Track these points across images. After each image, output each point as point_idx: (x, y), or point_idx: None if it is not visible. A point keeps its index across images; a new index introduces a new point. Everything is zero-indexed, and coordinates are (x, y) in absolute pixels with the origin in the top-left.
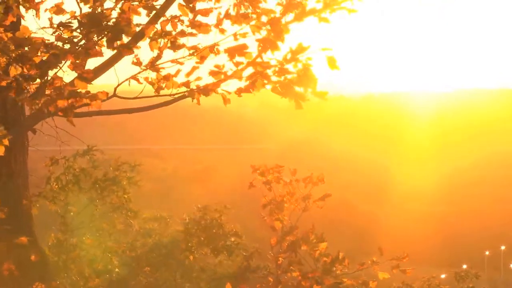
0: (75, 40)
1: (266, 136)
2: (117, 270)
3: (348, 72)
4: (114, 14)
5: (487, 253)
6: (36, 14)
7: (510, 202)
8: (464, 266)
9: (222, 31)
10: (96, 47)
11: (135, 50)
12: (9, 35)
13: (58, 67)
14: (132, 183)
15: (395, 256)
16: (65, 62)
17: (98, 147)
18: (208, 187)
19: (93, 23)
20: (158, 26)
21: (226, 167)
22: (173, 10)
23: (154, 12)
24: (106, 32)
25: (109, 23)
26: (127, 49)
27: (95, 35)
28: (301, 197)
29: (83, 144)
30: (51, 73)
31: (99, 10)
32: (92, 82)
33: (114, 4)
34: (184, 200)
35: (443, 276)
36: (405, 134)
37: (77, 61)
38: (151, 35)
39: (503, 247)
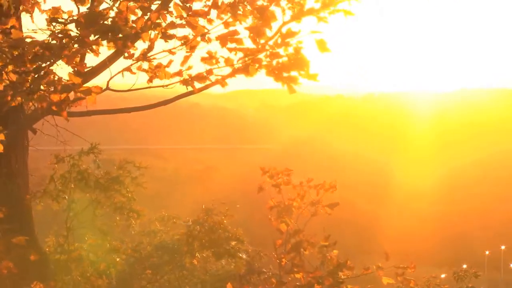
0: (69, 37)
1: (267, 136)
2: (120, 265)
3: (348, 72)
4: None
5: (487, 252)
6: (31, 17)
7: (510, 201)
8: (464, 266)
9: (210, 21)
10: (94, 46)
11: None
12: (3, 37)
13: (52, 61)
14: (136, 184)
15: (400, 264)
16: (60, 57)
17: (98, 147)
18: (209, 187)
19: (91, 22)
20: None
21: (227, 167)
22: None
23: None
24: (103, 32)
25: (106, 22)
26: (124, 44)
27: (92, 34)
28: (310, 202)
29: (84, 144)
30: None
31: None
32: (88, 82)
33: (112, 3)
34: (185, 200)
35: (443, 276)
36: (406, 133)
37: (72, 53)
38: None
39: (503, 247)
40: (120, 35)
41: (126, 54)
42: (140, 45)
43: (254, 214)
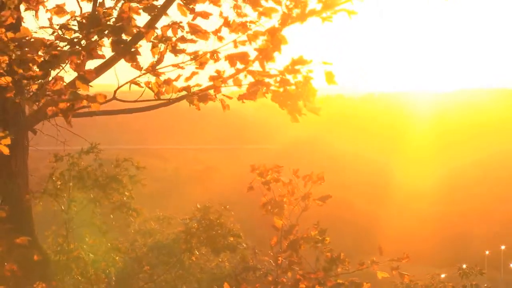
0: (76, 40)
1: (267, 136)
2: (120, 264)
3: (348, 72)
4: (114, 13)
5: (487, 252)
6: (35, 14)
7: (510, 201)
8: (464, 266)
9: (220, 38)
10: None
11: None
12: (10, 35)
13: (61, 67)
14: (134, 182)
15: (395, 257)
16: (67, 62)
17: (98, 146)
18: (209, 187)
19: (93, 23)
20: (158, 31)
21: (227, 167)
22: (172, 11)
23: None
24: (106, 32)
25: (109, 23)
26: (130, 56)
27: (95, 36)
28: (300, 197)
29: (85, 144)
30: (53, 73)
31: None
32: (91, 82)
33: (114, 3)
34: (185, 200)
35: (443, 276)
36: (406, 134)
37: (79, 62)
38: (151, 40)
39: (503, 247)
40: (125, 40)
41: (134, 64)
42: (149, 57)
43: (254, 214)
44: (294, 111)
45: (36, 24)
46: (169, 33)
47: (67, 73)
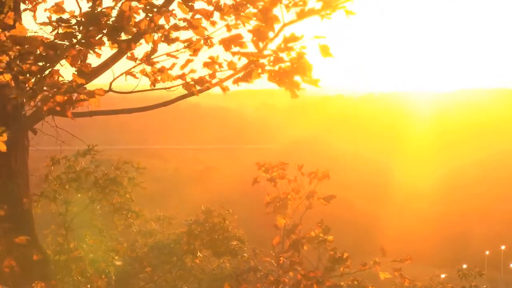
0: (74, 37)
1: (267, 136)
2: (119, 264)
3: (348, 72)
4: (114, 12)
5: (487, 252)
6: (34, 15)
7: (510, 201)
8: (464, 266)
9: (213, 23)
10: (97, 48)
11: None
12: (7, 34)
13: (56, 62)
14: (133, 185)
15: (395, 257)
16: (65, 57)
17: (96, 148)
18: (209, 187)
19: (92, 21)
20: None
21: (227, 167)
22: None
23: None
24: (105, 31)
25: (108, 22)
26: (128, 45)
27: (95, 34)
28: (305, 195)
29: (84, 144)
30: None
31: (99, 9)
32: (90, 82)
33: (114, 3)
34: (185, 200)
35: (443, 276)
36: (406, 134)
37: (77, 56)
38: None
39: (503, 247)
40: (123, 36)
41: (129, 54)
42: (143, 47)
43: (254, 214)
44: (292, 86)
45: (35, 24)
46: (161, 21)
47: (63, 67)
